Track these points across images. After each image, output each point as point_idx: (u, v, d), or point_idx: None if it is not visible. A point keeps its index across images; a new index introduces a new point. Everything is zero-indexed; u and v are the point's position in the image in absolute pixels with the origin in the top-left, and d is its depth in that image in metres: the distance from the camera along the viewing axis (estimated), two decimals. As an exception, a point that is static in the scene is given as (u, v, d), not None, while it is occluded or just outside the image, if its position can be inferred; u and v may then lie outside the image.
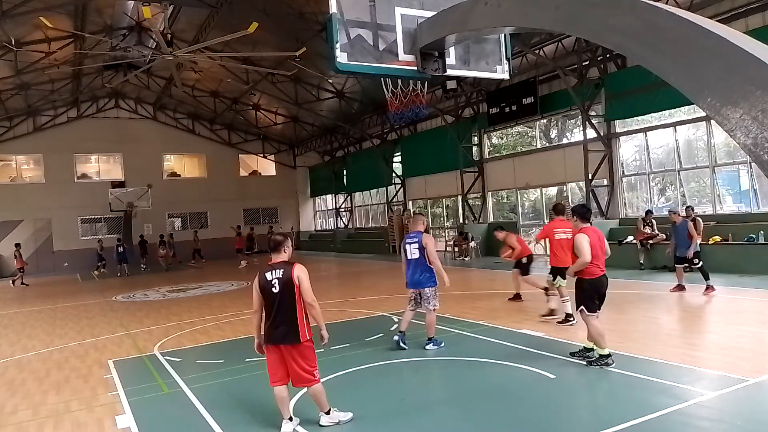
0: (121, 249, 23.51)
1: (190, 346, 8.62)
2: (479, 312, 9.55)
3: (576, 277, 6.17)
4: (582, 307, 6.08)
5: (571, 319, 7.91)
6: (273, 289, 4.56)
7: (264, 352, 4.75)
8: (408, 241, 7.24)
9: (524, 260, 10.27)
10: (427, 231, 7.60)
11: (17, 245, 22.37)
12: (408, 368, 6.59)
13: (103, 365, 7.69)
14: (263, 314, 4.66)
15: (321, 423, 4.77)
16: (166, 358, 7.84)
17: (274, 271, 4.61)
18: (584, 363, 6.08)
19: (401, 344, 7.18)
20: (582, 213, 6.40)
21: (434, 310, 7.23)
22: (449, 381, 6.04)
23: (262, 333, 4.69)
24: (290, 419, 4.77)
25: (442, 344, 7.29)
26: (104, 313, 12.94)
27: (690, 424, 4.50)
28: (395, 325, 8.96)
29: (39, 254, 27.79)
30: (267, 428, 4.98)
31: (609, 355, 5.92)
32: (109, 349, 8.75)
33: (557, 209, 8.82)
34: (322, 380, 4.84)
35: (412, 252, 7.14)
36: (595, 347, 6.08)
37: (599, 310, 6.14)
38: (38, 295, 17.55)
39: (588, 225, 6.29)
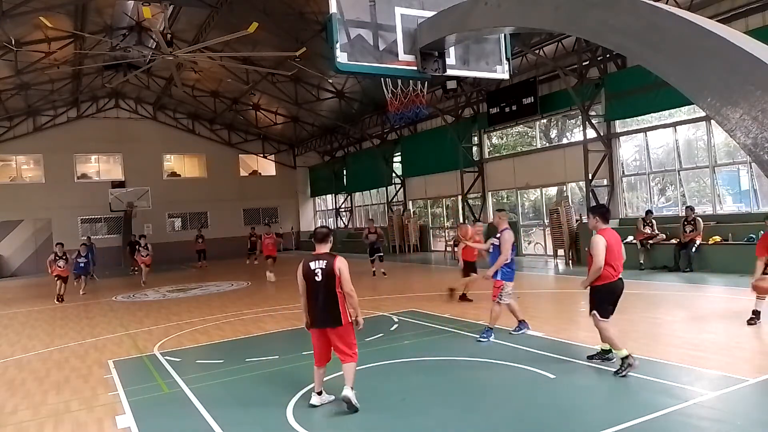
0: (82, 257, 16.93)
1: (190, 346, 8.62)
2: (479, 312, 9.55)
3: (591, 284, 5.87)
4: (595, 311, 5.85)
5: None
6: (316, 277, 5.06)
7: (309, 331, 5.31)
8: (493, 240, 7.94)
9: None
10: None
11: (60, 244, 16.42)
12: (408, 368, 6.59)
13: (103, 365, 7.69)
14: (307, 299, 5.18)
15: (346, 394, 5.05)
16: (166, 358, 7.84)
17: (317, 261, 5.10)
18: (613, 372, 5.73)
19: (519, 330, 7.73)
20: (602, 213, 6.09)
21: (501, 303, 7.52)
22: (449, 381, 6.04)
23: (308, 316, 5.22)
24: (319, 393, 5.33)
25: (490, 338, 7.48)
26: (104, 313, 12.94)
27: (690, 424, 4.50)
28: (395, 325, 8.97)
29: (39, 254, 27.79)
30: (267, 428, 4.98)
31: (628, 356, 5.68)
32: (109, 349, 8.75)
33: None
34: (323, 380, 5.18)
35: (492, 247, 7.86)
36: (612, 350, 5.89)
37: (612, 315, 5.90)
38: (38, 295, 17.54)
39: (607, 226, 6.00)
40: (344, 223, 32.32)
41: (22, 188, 28.42)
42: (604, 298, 5.84)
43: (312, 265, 5.09)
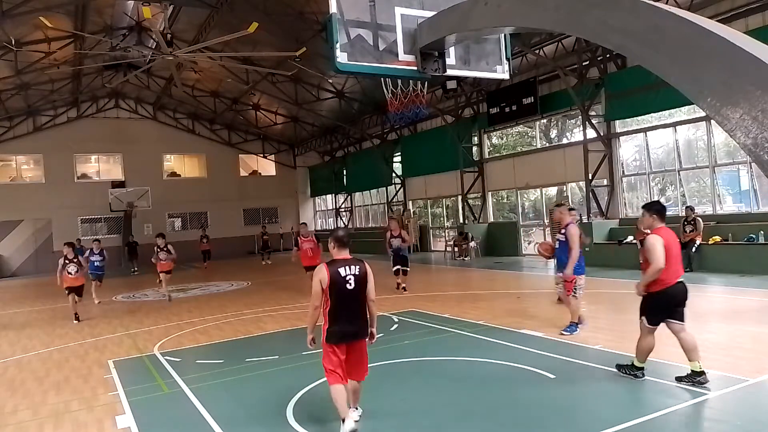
0: (96, 255, 14.97)
1: (190, 346, 8.62)
2: (479, 312, 9.55)
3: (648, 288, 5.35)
4: (643, 317, 5.39)
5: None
6: (347, 285, 4.47)
7: (313, 346, 4.70)
8: (558, 237, 7.88)
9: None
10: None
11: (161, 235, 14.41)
12: (408, 368, 6.59)
13: (103, 365, 7.69)
14: (328, 311, 4.50)
15: (354, 418, 4.50)
16: (166, 358, 7.84)
17: (348, 267, 4.51)
18: (701, 391, 5.16)
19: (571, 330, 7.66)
20: (659, 210, 5.52)
21: (577, 296, 7.61)
22: (449, 381, 6.03)
23: (329, 330, 4.50)
24: (356, 409, 4.76)
25: (574, 332, 7.53)
26: (104, 313, 12.95)
27: (690, 424, 4.50)
28: (395, 325, 8.97)
29: (39, 254, 27.81)
30: (267, 428, 4.98)
31: (642, 369, 5.46)
32: (109, 349, 8.75)
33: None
34: (320, 381, 4.96)
35: (557, 243, 7.88)
36: (635, 359, 5.52)
37: (682, 321, 5.34)
38: (38, 295, 17.54)
39: (662, 225, 5.45)
40: (344, 223, 32.30)
41: (22, 188, 28.43)
42: (659, 305, 5.32)
43: (342, 271, 4.47)
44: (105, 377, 7.04)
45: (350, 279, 4.47)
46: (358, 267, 4.54)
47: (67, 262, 11.94)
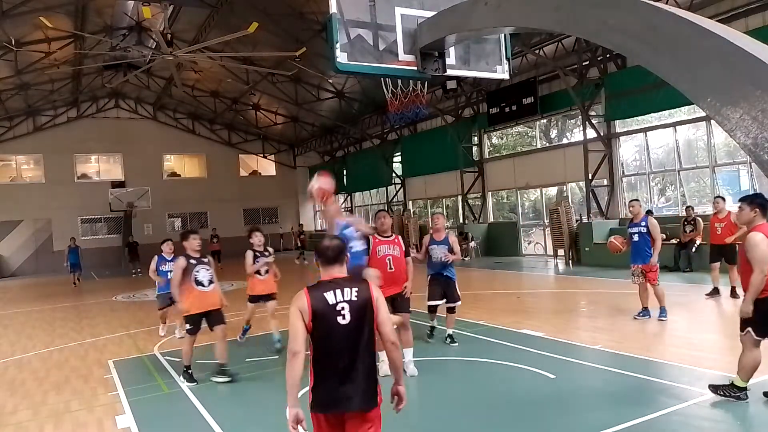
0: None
1: (190, 346, 8.60)
2: (479, 312, 9.55)
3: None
4: (749, 328, 4.65)
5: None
6: (340, 318, 2.89)
7: (300, 426, 2.90)
8: (632, 230, 8.43)
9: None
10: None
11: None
12: (408, 368, 6.57)
13: (103, 365, 7.69)
14: (312, 360, 2.93)
15: None
16: (166, 358, 7.84)
17: (339, 291, 2.93)
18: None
19: (661, 317, 8.16)
20: (762, 204, 4.77)
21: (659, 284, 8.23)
22: (449, 381, 6.04)
23: (313, 392, 2.96)
24: None
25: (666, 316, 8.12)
26: (104, 313, 12.94)
27: (690, 424, 4.50)
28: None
29: (39, 254, 27.82)
30: (266, 428, 4.98)
31: (745, 390, 4.76)
32: (109, 349, 8.75)
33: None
34: None
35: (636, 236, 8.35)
36: (736, 376, 4.82)
37: None
38: (38, 295, 17.54)
39: (764, 221, 4.73)
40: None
41: (22, 188, 28.43)
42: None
43: (330, 297, 2.91)
44: (105, 377, 7.04)
45: (344, 308, 2.90)
46: (356, 290, 2.95)
47: (194, 262, 6.60)
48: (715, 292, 9.67)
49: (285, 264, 23.18)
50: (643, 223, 8.26)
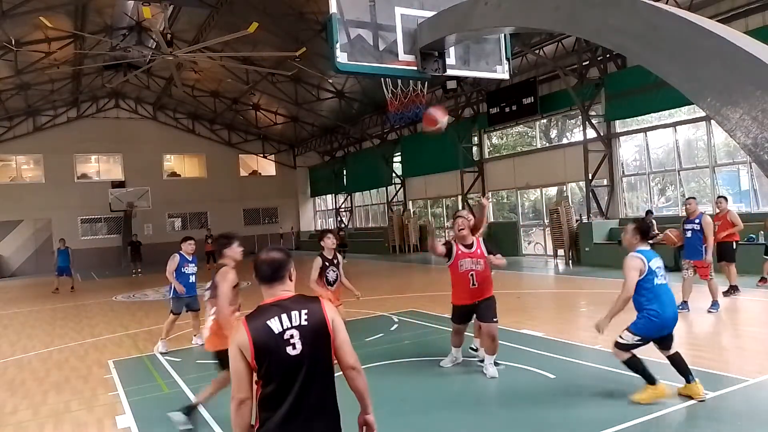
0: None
1: (190, 346, 8.62)
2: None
3: None
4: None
5: None
6: (290, 349, 2.39)
7: None
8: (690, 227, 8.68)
9: None
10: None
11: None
12: (408, 368, 6.58)
13: (103, 365, 7.69)
14: (258, 401, 2.42)
15: None
16: (166, 358, 7.85)
17: (286, 316, 2.42)
18: None
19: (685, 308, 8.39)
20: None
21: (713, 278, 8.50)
22: (449, 381, 6.03)
23: None
24: None
25: (718, 309, 8.36)
26: (104, 313, 12.94)
27: (690, 424, 4.50)
28: (395, 325, 8.96)
29: (39, 254, 27.82)
30: (267, 428, 4.96)
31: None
32: (109, 349, 8.75)
33: None
34: None
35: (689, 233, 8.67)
36: None
37: None
38: (38, 295, 17.54)
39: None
40: (344, 223, 32.28)
41: (22, 188, 28.44)
42: None
43: (274, 324, 2.39)
44: (105, 377, 7.04)
45: (293, 337, 2.40)
46: (305, 312, 2.45)
47: (327, 264, 6.82)
48: (733, 290, 9.62)
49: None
50: (697, 221, 8.49)
